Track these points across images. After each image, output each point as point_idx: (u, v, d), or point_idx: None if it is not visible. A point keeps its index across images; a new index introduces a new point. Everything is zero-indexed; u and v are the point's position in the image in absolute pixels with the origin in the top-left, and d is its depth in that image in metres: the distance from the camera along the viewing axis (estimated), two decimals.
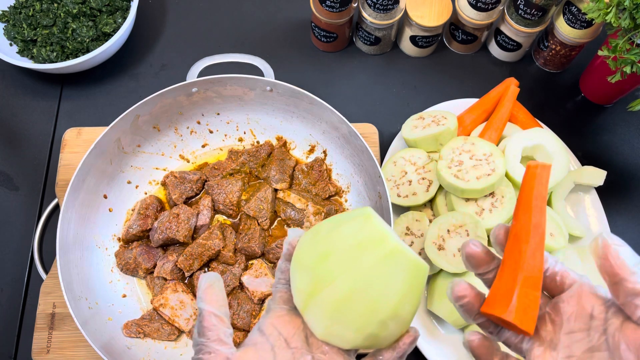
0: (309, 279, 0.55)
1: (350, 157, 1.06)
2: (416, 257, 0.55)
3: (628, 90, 1.18)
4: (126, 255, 1.01)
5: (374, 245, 0.53)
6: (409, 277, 0.53)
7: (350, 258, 0.53)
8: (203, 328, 0.58)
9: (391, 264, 0.53)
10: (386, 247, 0.53)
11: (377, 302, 0.52)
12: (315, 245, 0.56)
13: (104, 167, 1.01)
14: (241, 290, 1.00)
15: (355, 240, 0.54)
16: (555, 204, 1.07)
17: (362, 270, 0.52)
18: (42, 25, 1.18)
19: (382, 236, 0.54)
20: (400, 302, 0.53)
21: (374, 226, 0.55)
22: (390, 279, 0.53)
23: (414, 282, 0.54)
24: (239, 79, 1.02)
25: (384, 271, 0.53)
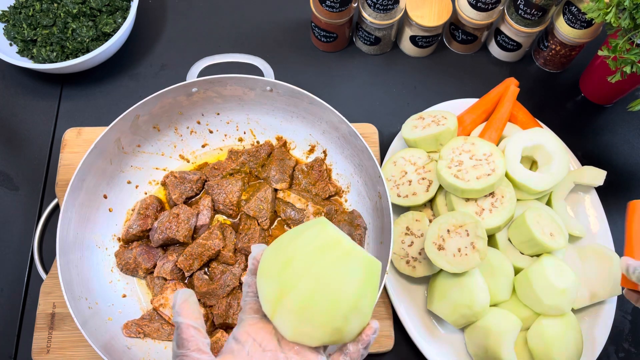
0: (275, 286, 0.59)
1: (350, 157, 1.06)
2: (370, 256, 0.61)
3: (628, 90, 1.18)
4: (126, 255, 1.01)
5: (331, 247, 0.59)
6: (365, 273, 0.59)
7: (310, 262, 0.58)
8: (182, 340, 0.61)
9: (347, 263, 0.59)
10: (342, 248, 0.59)
11: (338, 298, 0.57)
12: (278, 255, 0.61)
13: (104, 167, 1.01)
14: (241, 291, 1.00)
15: (314, 246, 0.59)
16: (555, 204, 1.07)
17: (322, 271, 0.58)
18: (42, 25, 1.18)
19: (337, 239, 0.60)
20: (359, 295, 0.59)
21: (330, 232, 0.61)
22: (348, 276, 0.58)
23: (369, 277, 0.60)
24: (239, 79, 1.02)
25: (341, 269, 0.58)
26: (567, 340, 0.94)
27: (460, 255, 0.93)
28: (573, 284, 0.95)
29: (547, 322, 0.95)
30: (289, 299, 0.58)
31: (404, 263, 1.01)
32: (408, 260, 1.01)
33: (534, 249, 0.98)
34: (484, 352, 0.95)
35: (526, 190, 1.02)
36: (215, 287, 0.98)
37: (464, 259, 0.92)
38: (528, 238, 0.97)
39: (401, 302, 1.01)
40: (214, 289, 0.98)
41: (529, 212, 0.98)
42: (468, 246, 0.93)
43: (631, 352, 1.06)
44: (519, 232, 0.98)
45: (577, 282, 0.95)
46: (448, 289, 0.96)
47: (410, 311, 1.01)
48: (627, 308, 1.09)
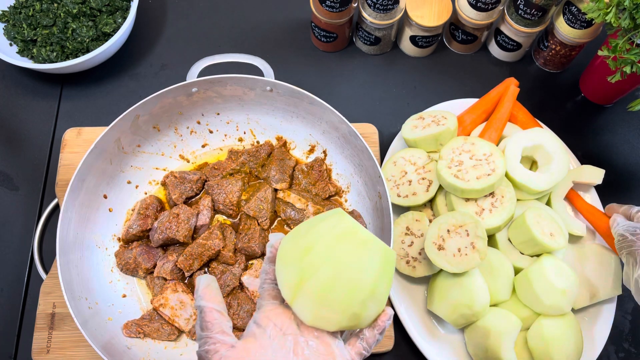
0: (294, 273, 0.61)
1: (350, 157, 1.06)
2: (386, 246, 0.63)
3: (628, 90, 1.18)
4: (126, 255, 1.01)
5: (350, 236, 0.62)
6: (382, 261, 0.62)
7: (330, 249, 0.61)
8: (206, 322, 0.63)
9: (366, 250, 0.61)
10: (360, 237, 0.62)
11: (356, 285, 0.60)
12: (297, 243, 0.63)
13: (104, 167, 1.01)
14: (241, 290, 1.00)
15: (333, 234, 0.62)
16: (554, 203, 1.07)
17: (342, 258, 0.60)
18: (42, 25, 1.18)
19: (355, 229, 0.62)
20: (376, 283, 0.61)
21: (348, 221, 0.63)
22: (366, 263, 0.61)
23: (385, 265, 0.62)
24: (239, 79, 1.02)
25: (360, 257, 0.61)
26: (567, 340, 0.94)
27: (460, 255, 0.93)
28: (573, 284, 0.95)
29: (547, 322, 0.95)
30: (310, 285, 0.60)
31: (404, 263, 1.01)
32: (408, 260, 1.01)
33: (534, 249, 0.98)
34: (484, 352, 0.95)
35: (526, 190, 1.02)
36: None
37: (464, 259, 0.92)
38: (528, 238, 0.97)
39: (401, 302, 1.01)
40: None
41: (529, 212, 0.98)
42: (468, 246, 0.93)
43: (631, 352, 1.06)
44: (519, 232, 0.98)
45: (577, 282, 0.95)
46: (448, 289, 0.96)
47: (410, 311, 1.01)
48: (627, 308, 1.09)
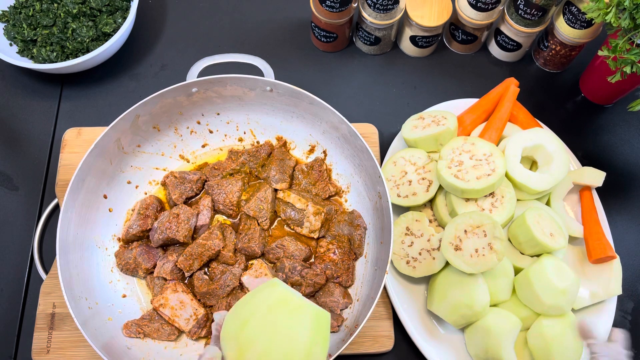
0: (234, 347, 0.66)
1: (351, 157, 1.06)
2: (318, 308, 0.69)
3: (628, 90, 1.18)
4: (126, 255, 1.01)
5: (281, 305, 0.67)
6: (313, 323, 0.67)
7: (264, 321, 0.66)
8: None
9: (297, 317, 0.66)
10: (291, 304, 0.67)
11: (291, 350, 0.65)
12: (237, 317, 0.68)
13: (104, 167, 1.01)
14: (241, 290, 1.00)
15: (266, 305, 0.67)
16: (554, 204, 1.07)
17: (275, 327, 0.65)
18: (42, 25, 1.18)
19: (287, 297, 0.68)
20: (311, 344, 0.66)
21: (280, 291, 0.69)
22: (299, 328, 0.66)
23: (318, 327, 0.67)
24: (239, 79, 1.02)
25: (292, 324, 0.66)
26: (567, 340, 0.94)
27: (477, 256, 0.92)
28: (573, 284, 0.94)
29: (547, 322, 0.95)
30: (248, 357, 0.65)
31: (404, 263, 1.01)
32: (408, 261, 1.01)
33: (534, 249, 0.98)
34: (484, 352, 0.95)
35: (526, 190, 1.02)
36: (215, 287, 0.98)
37: (481, 259, 0.92)
38: (528, 238, 0.97)
39: (401, 302, 1.01)
40: (214, 289, 0.98)
41: (529, 212, 0.98)
42: (485, 247, 0.92)
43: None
44: (519, 232, 0.98)
45: (577, 282, 0.95)
46: (448, 289, 0.96)
47: (410, 311, 1.01)
48: (627, 308, 1.09)
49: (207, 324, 0.98)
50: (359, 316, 0.94)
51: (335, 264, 1.01)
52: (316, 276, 0.99)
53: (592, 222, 1.06)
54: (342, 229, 1.05)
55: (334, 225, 1.06)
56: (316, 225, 1.03)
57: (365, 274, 1.02)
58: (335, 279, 1.01)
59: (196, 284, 0.99)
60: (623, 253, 1.12)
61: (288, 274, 0.99)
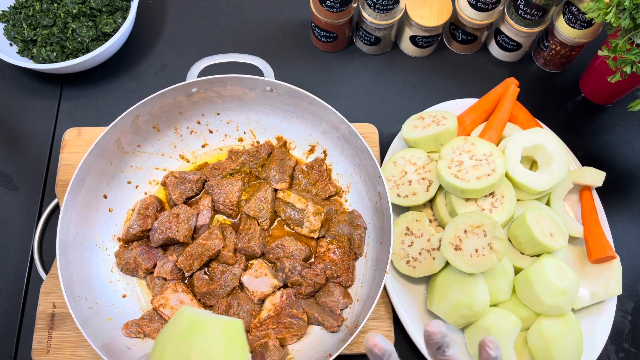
0: None
1: (350, 157, 1.06)
2: (228, 319, 0.72)
3: (628, 90, 1.18)
4: (126, 255, 1.01)
5: (190, 329, 0.69)
6: (226, 336, 0.70)
7: (179, 350, 0.69)
8: None
9: (207, 334, 0.69)
10: (199, 326, 0.69)
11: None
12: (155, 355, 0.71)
13: (104, 167, 1.01)
14: (241, 290, 1.00)
15: (177, 334, 0.69)
16: (554, 204, 1.07)
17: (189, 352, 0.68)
18: (42, 25, 1.18)
19: (193, 319, 0.70)
20: (227, 355, 0.69)
21: (186, 316, 0.71)
22: (212, 345, 0.68)
23: (232, 336, 0.70)
24: (239, 79, 1.02)
25: (204, 345, 0.68)
26: (567, 340, 0.94)
27: (477, 256, 0.92)
28: (573, 284, 0.95)
29: (547, 322, 0.95)
30: None
31: (404, 263, 1.01)
32: (408, 261, 1.01)
33: (534, 249, 0.98)
34: None
35: (526, 190, 1.02)
36: (215, 287, 0.98)
37: (481, 259, 0.92)
38: (528, 238, 0.97)
39: (401, 302, 1.01)
40: (214, 289, 0.98)
41: (529, 212, 0.98)
42: (485, 247, 0.92)
43: (631, 352, 1.06)
44: (519, 232, 0.98)
45: (577, 282, 0.95)
46: (448, 289, 0.96)
47: (410, 311, 1.01)
48: (627, 308, 1.09)
49: None
50: (359, 316, 0.95)
51: (335, 264, 1.01)
52: (316, 276, 0.99)
53: (592, 222, 1.06)
54: (342, 229, 1.05)
55: (334, 225, 1.06)
56: (316, 225, 1.03)
57: (365, 274, 1.02)
58: (335, 278, 1.01)
59: (196, 284, 0.99)
60: (623, 253, 1.12)
61: (288, 274, 0.99)
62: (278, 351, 0.93)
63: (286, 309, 0.96)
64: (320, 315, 0.97)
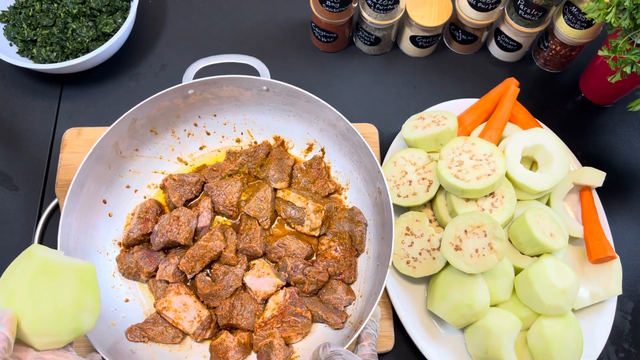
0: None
1: (349, 154, 1.06)
2: (80, 263, 0.72)
3: (628, 90, 1.18)
4: (127, 259, 1.00)
5: (42, 272, 0.69)
6: (78, 280, 0.71)
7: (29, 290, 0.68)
8: None
9: (59, 278, 0.69)
10: (50, 268, 0.69)
11: (59, 310, 0.68)
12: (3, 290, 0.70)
13: (103, 172, 1.01)
14: (244, 291, 1.00)
15: (27, 276, 0.69)
16: (554, 204, 1.07)
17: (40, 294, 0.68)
18: (42, 26, 1.18)
19: (46, 262, 0.70)
20: (79, 299, 0.70)
21: (38, 259, 0.70)
22: (63, 288, 0.69)
23: (84, 281, 0.71)
24: (235, 80, 1.02)
25: (54, 286, 0.69)
26: (567, 340, 0.94)
27: (477, 256, 0.92)
28: (573, 284, 0.95)
29: (547, 322, 0.95)
30: (23, 326, 0.67)
31: (404, 263, 1.01)
32: (408, 261, 1.01)
33: (534, 249, 0.98)
34: (484, 353, 0.95)
35: (526, 190, 1.02)
36: (218, 288, 0.98)
37: (481, 259, 0.92)
38: (528, 238, 0.97)
39: (401, 302, 1.01)
40: (216, 290, 0.98)
41: (529, 212, 0.98)
42: (485, 247, 0.92)
43: (631, 352, 1.06)
44: (519, 232, 0.99)
45: (577, 282, 0.95)
46: (448, 289, 0.96)
47: (410, 311, 1.01)
48: (627, 308, 1.09)
49: (211, 325, 0.98)
50: (362, 312, 0.94)
51: (337, 261, 1.02)
52: (319, 274, 0.99)
53: (592, 222, 1.06)
54: (342, 226, 1.05)
55: (335, 222, 1.06)
56: (317, 223, 1.03)
57: (368, 270, 1.02)
58: (338, 276, 1.01)
59: (199, 286, 0.99)
60: (623, 253, 1.12)
61: (290, 272, 0.99)
62: (283, 350, 0.93)
63: (290, 308, 0.96)
64: (324, 313, 0.98)
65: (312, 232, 1.04)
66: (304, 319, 0.96)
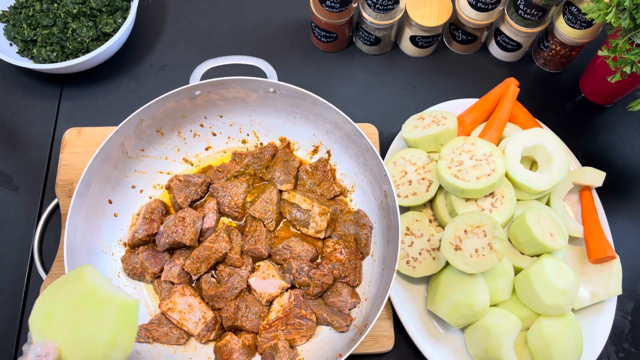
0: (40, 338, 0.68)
1: (355, 156, 1.06)
2: (125, 298, 0.71)
3: (628, 90, 1.18)
4: (133, 260, 1.00)
5: (86, 299, 0.68)
6: (119, 315, 0.69)
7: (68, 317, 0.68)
8: None
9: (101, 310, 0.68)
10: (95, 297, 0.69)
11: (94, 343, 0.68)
12: (44, 308, 0.69)
13: (109, 172, 1.01)
14: (249, 292, 1.00)
15: (71, 300, 0.68)
16: (554, 204, 1.07)
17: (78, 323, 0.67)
18: (42, 25, 1.18)
19: (92, 290, 0.69)
20: (114, 336, 0.69)
21: (85, 283, 0.69)
22: (101, 322, 0.68)
23: (124, 317, 0.70)
24: (243, 81, 1.02)
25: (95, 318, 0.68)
26: (567, 340, 0.94)
27: (477, 256, 0.93)
28: (573, 284, 0.95)
29: (547, 322, 0.95)
30: None
31: (404, 263, 1.01)
32: (408, 261, 1.01)
33: (534, 249, 0.98)
34: (484, 352, 0.95)
35: (526, 190, 1.02)
36: (223, 289, 0.98)
37: (481, 259, 0.92)
38: (528, 238, 0.97)
39: (401, 302, 1.01)
40: (222, 291, 0.98)
41: (529, 212, 0.98)
42: (485, 247, 0.92)
43: (631, 352, 1.06)
44: (519, 232, 0.99)
45: (577, 282, 0.95)
46: (448, 289, 0.96)
47: (410, 311, 1.01)
48: (627, 308, 1.09)
49: (216, 326, 0.98)
50: (367, 315, 0.95)
51: (342, 263, 1.02)
52: (324, 276, 0.99)
53: (592, 222, 1.06)
54: (348, 229, 1.05)
55: (340, 225, 1.06)
56: (322, 226, 1.03)
57: (373, 273, 1.02)
58: (343, 278, 1.02)
59: (204, 287, 0.99)
60: (623, 253, 1.13)
61: (295, 275, 0.99)
62: (288, 352, 0.93)
63: (294, 310, 0.96)
64: (329, 316, 0.98)
65: (317, 235, 1.04)
66: (308, 321, 0.97)
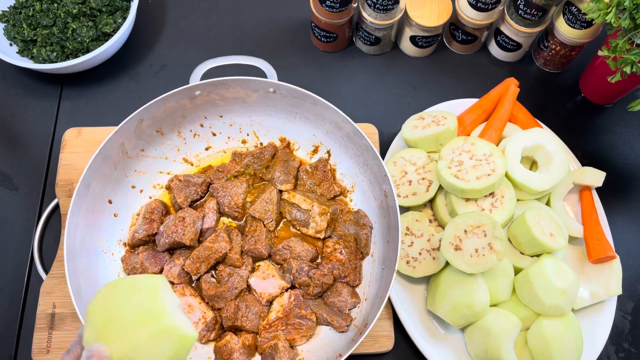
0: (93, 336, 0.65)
1: (355, 156, 1.06)
2: (185, 332, 0.66)
3: (628, 90, 1.18)
4: (132, 260, 1.00)
5: (150, 321, 0.65)
6: (175, 350, 0.65)
7: (129, 331, 0.64)
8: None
9: (161, 339, 0.64)
10: (161, 323, 0.64)
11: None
12: (105, 307, 0.67)
13: (109, 172, 1.01)
14: (249, 292, 1.00)
15: (136, 314, 0.65)
16: (554, 204, 1.07)
17: (136, 340, 0.64)
18: (42, 25, 1.18)
19: (160, 313, 0.65)
20: None
21: (157, 302, 0.66)
22: (159, 352, 0.65)
23: (178, 353, 0.66)
24: (243, 81, 1.02)
25: (153, 344, 0.64)
26: (567, 340, 0.94)
27: (477, 256, 0.92)
28: (573, 284, 0.95)
29: (547, 322, 0.95)
30: None
31: (404, 263, 1.01)
32: (408, 261, 1.01)
33: (534, 249, 0.98)
34: (484, 352, 0.95)
35: (526, 190, 1.02)
36: (223, 289, 0.98)
37: (481, 259, 0.92)
38: (528, 238, 0.97)
39: (401, 302, 1.01)
40: (222, 291, 0.98)
41: (529, 212, 0.98)
42: (485, 247, 0.92)
43: (631, 352, 1.06)
44: (519, 232, 0.99)
45: (577, 282, 0.95)
46: (448, 289, 0.96)
47: (410, 311, 1.01)
48: (627, 308, 1.09)
49: (216, 326, 0.98)
50: (367, 315, 0.95)
51: (343, 263, 1.02)
52: (324, 276, 0.99)
53: (592, 222, 1.06)
54: (348, 229, 1.05)
55: (340, 225, 1.06)
56: (322, 226, 1.03)
57: (373, 273, 1.02)
58: (343, 278, 1.02)
59: (204, 287, 0.99)
60: (623, 253, 1.13)
61: (295, 274, 0.99)
62: (288, 352, 0.94)
63: (294, 310, 0.96)
64: (329, 316, 0.98)
65: (317, 235, 1.04)
66: (308, 321, 0.97)
